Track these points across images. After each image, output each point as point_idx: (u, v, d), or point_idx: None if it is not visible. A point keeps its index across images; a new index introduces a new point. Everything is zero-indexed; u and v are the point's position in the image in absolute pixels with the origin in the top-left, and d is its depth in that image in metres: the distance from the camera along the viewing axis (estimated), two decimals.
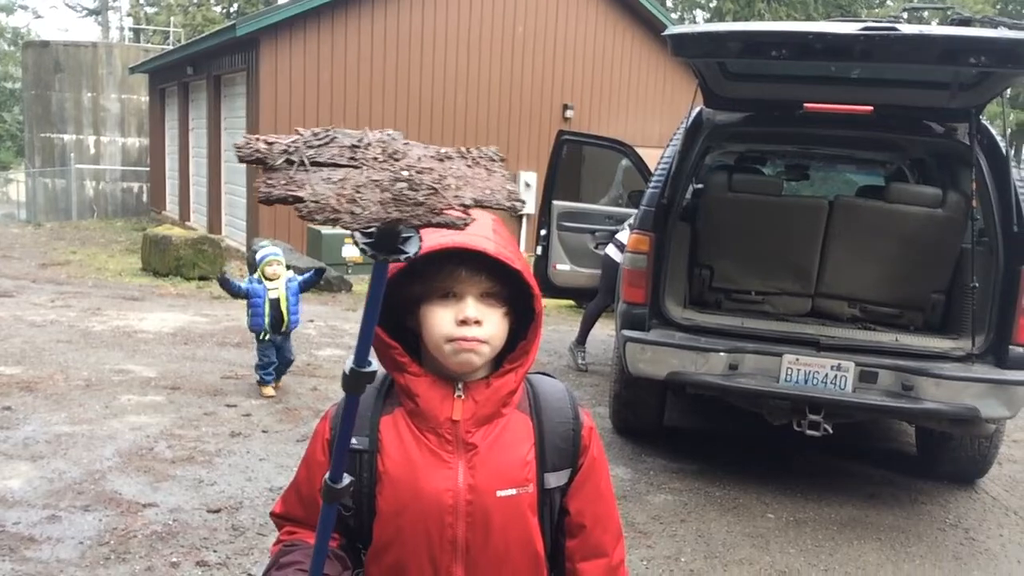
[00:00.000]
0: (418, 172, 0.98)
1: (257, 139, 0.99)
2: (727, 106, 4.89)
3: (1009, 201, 4.28)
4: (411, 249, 0.99)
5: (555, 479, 1.37)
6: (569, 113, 14.78)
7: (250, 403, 5.57)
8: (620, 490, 4.46)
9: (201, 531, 3.71)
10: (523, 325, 1.34)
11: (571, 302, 10.20)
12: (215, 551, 3.54)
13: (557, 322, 9.66)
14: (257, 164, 0.98)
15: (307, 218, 0.93)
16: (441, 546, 1.30)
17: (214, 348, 7.15)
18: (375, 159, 0.99)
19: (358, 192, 0.94)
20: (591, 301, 7.25)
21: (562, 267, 7.19)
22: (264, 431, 5.05)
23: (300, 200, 0.93)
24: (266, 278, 5.75)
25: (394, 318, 1.32)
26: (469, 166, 1.04)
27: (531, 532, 1.34)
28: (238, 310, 8.97)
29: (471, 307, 1.27)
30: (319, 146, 1.00)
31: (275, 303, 5.69)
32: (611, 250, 6.65)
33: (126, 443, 4.71)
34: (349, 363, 1.08)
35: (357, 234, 0.95)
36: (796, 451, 5.30)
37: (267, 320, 5.67)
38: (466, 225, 1.00)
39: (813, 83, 4.55)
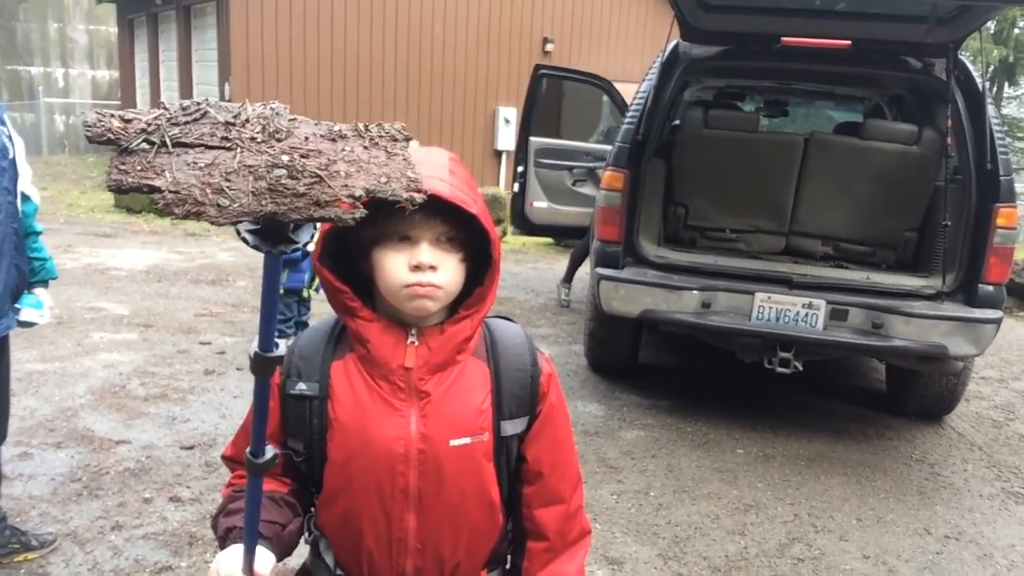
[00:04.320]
0: (302, 156, 0.86)
1: (112, 115, 0.86)
2: (704, 39, 4.81)
3: (984, 139, 4.26)
4: (303, 238, 0.90)
5: (512, 427, 1.34)
6: (549, 47, 14.49)
7: (224, 341, 5.55)
8: (593, 426, 4.52)
9: (174, 467, 3.72)
10: (480, 270, 1.30)
11: (549, 239, 10.18)
12: (188, 487, 3.55)
13: (536, 259, 9.65)
14: (110, 145, 0.85)
15: (165, 211, 0.81)
16: (393, 495, 1.29)
17: (188, 285, 7.09)
18: (252, 139, 0.86)
19: (227, 180, 0.82)
20: (572, 239, 7.22)
21: (539, 204, 7.13)
22: (238, 369, 5.03)
23: (157, 190, 0.81)
24: None
25: (346, 260, 1.28)
26: (366, 147, 0.91)
27: (486, 481, 1.33)
28: (212, 247, 8.89)
29: (425, 252, 1.23)
30: (187, 123, 0.87)
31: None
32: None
33: (98, 381, 4.68)
34: (254, 347, 1.01)
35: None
36: (767, 388, 5.37)
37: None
38: (354, 220, 0.88)
39: (792, 15, 4.47)
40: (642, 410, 4.86)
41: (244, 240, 0.88)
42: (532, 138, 7.07)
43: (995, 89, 19.29)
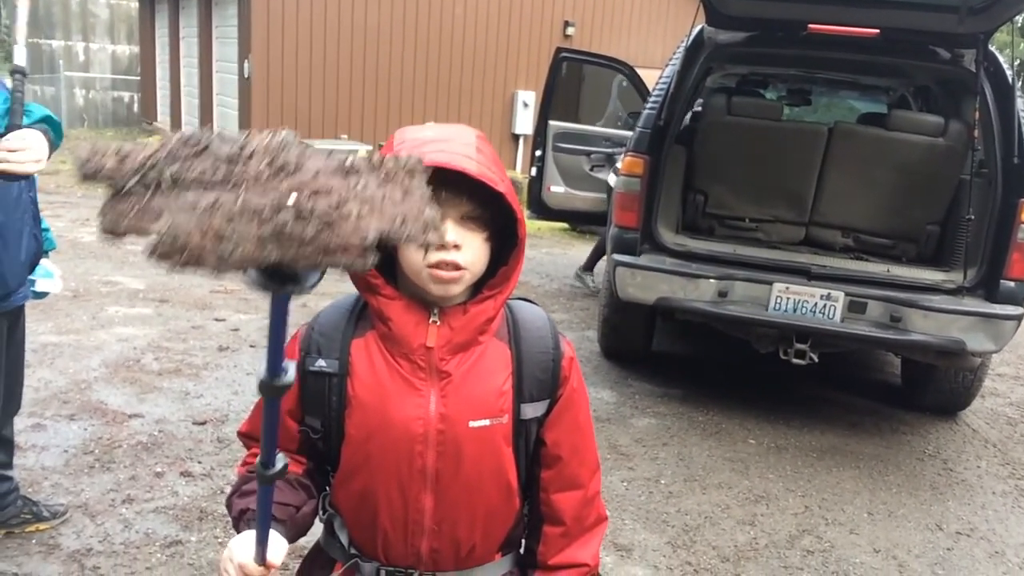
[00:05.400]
0: (312, 194, 0.77)
1: (104, 154, 0.78)
2: (730, 24, 4.73)
3: (1012, 132, 4.19)
4: (311, 281, 0.85)
5: (532, 410, 1.33)
6: (570, 31, 14.37)
7: (238, 317, 5.56)
8: (605, 413, 4.50)
9: (186, 442, 3.73)
10: (505, 250, 1.28)
11: (565, 225, 10.14)
12: (200, 462, 3.57)
13: (551, 245, 9.61)
14: (103, 184, 0.77)
15: (162, 259, 0.74)
16: (410, 475, 1.27)
17: None
18: (257, 177, 0.78)
19: (229, 224, 0.74)
20: (588, 224, 7.19)
21: (556, 189, 7.10)
22: (252, 346, 5.04)
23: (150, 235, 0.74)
24: None
25: None
26: (380, 183, 0.82)
27: (504, 463, 1.31)
28: None
29: (450, 231, 1.20)
30: (189, 157, 0.78)
31: None
32: (612, 179, 6.55)
33: (113, 354, 4.70)
34: (262, 372, 0.99)
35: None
36: (781, 379, 5.34)
37: None
38: (364, 269, 0.82)
39: (820, 2, 4.39)
40: (654, 398, 4.83)
41: (248, 283, 0.82)
42: (551, 122, 7.02)
43: (1021, 83, 19.00)
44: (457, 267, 1.21)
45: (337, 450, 1.31)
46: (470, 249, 1.22)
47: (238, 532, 1.26)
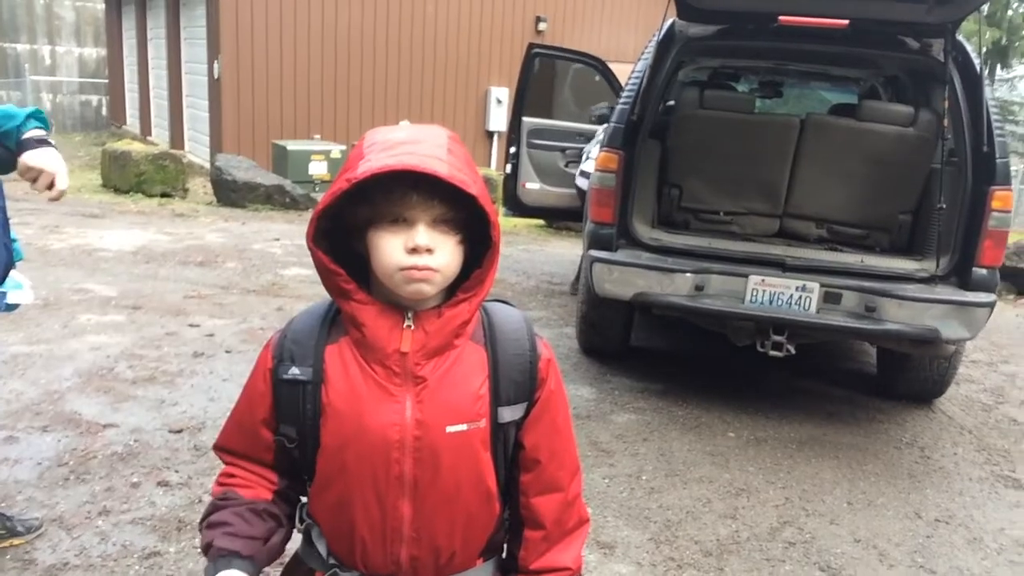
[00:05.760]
0: None
1: None
2: (700, 18, 4.74)
3: (980, 121, 4.23)
4: None
5: (510, 413, 1.31)
6: (542, 26, 14.37)
7: (213, 323, 5.50)
8: (584, 410, 4.50)
9: (163, 451, 3.68)
10: (478, 252, 1.26)
11: (540, 221, 10.13)
12: (177, 471, 3.52)
13: (527, 241, 9.61)
14: None
15: None
16: (387, 482, 1.25)
17: (176, 267, 7.02)
18: None
19: None
20: (564, 220, 7.17)
21: (532, 186, 7.08)
22: (227, 351, 4.99)
23: None
24: None
25: (341, 241, 1.24)
26: None
27: (482, 468, 1.30)
28: (201, 228, 8.82)
29: (422, 234, 1.18)
30: None
31: None
32: (580, 181, 6.54)
33: (86, 363, 4.63)
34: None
35: None
36: (759, 371, 5.36)
37: None
38: None
39: None
40: (634, 393, 4.84)
41: None
42: (525, 118, 7.00)
43: (988, 71, 19.26)
44: (430, 269, 1.20)
45: (312, 459, 1.29)
46: (443, 252, 1.21)
47: (207, 561, 1.27)
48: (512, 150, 7.03)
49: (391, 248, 1.19)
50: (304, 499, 1.37)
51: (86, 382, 4.38)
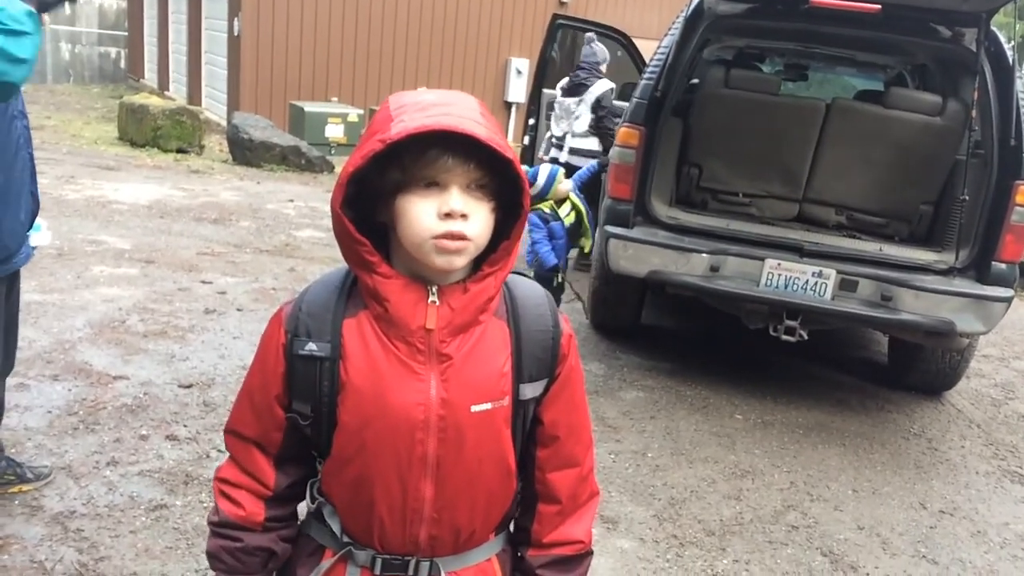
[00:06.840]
0: None
1: None
2: None
3: (1009, 113, 4.16)
4: None
5: (531, 390, 1.27)
6: None
7: (225, 280, 5.50)
8: (593, 385, 4.49)
9: (171, 405, 3.70)
10: (505, 224, 1.21)
11: None
12: (185, 426, 3.54)
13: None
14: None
15: None
16: (410, 462, 1.21)
17: (191, 223, 7.02)
18: None
19: None
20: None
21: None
22: (239, 309, 5.00)
23: None
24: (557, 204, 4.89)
25: (362, 208, 1.18)
26: None
27: (504, 446, 1.27)
28: (216, 186, 8.81)
29: (456, 198, 1.12)
30: None
31: (573, 228, 4.97)
32: (556, 152, 6.56)
33: (98, 314, 4.65)
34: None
35: None
36: (770, 355, 5.34)
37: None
38: None
39: None
40: (643, 371, 4.83)
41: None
42: (545, 90, 6.94)
43: (1020, 65, 18.97)
44: (464, 238, 1.14)
45: (328, 437, 1.24)
46: (476, 219, 1.15)
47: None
48: (531, 122, 6.97)
49: (423, 214, 1.13)
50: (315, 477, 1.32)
51: (97, 333, 4.39)
